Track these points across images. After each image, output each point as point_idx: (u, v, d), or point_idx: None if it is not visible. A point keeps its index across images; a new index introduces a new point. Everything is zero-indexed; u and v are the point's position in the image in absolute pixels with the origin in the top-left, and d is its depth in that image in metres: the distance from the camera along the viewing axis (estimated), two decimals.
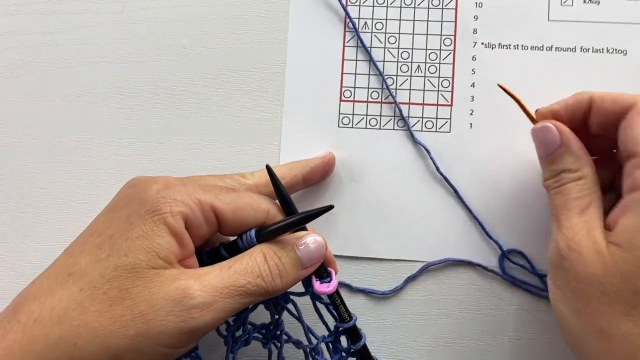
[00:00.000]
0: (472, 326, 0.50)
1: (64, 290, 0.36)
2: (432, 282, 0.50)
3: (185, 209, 0.38)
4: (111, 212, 0.40)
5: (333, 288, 0.42)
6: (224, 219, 0.40)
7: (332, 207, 0.40)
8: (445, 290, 0.50)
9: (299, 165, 0.49)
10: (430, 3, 0.52)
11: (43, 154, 0.54)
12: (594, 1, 0.51)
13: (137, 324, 0.35)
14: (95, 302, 0.36)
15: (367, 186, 0.51)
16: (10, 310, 0.37)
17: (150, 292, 0.36)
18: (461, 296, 0.50)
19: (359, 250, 0.51)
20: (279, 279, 0.39)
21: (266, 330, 0.45)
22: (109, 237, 0.38)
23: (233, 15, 0.54)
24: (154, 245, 0.37)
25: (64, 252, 0.39)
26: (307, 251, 0.40)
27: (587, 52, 0.51)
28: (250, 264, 0.39)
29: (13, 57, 0.55)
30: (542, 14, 0.51)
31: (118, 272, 0.36)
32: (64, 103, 0.54)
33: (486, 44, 0.51)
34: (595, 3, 0.51)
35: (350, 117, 0.52)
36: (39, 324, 0.35)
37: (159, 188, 0.39)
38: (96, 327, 0.35)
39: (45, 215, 0.53)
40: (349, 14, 0.52)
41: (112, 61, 0.55)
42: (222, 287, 0.37)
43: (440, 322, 0.50)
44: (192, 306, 0.36)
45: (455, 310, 0.50)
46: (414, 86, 0.52)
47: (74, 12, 0.55)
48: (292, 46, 0.53)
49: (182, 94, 0.54)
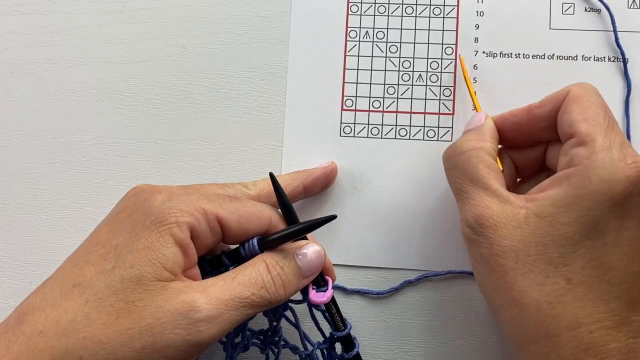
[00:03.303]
0: (471, 326, 0.50)
1: (70, 302, 0.36)
2: (430, 284, 0.51)
3: (190, 219, 0.38)
4: (115, 222, 0.39)
5: (327, 298, 0.42)
6: (228, 229, 0.40)
7: (334, 217, 0.40)
8: (443, 292, 0.51)
9: (302, 175, 0.49)
10: (431, 12, 0.52)
11: (43, 154, 0.54)
12: (595, 10, 0.51)
13: (144, 337, 0.35)
14: (101, 314, 0.36)
15: (368, 195, 0.51)
16: (14, 321, 0.37)
17: (156, 305, 0.36)
18: (458, 297, 0.50)
19: (359, 259, 0.51)
20: (282, 289, 0.39)
21: (264, 337, 0.45)
22: (113, 247, 0.38)
23: (233, 15, 0.54)
24: (159, 256, 0.37)
25: (67, 262, 0.39)
26: (307, 261, 0.41)
27: (588, 61, 0.51)
28: (253, 274, 0.39)
29: (13, 57, 0.55)
30: (543, 23, 0.51)
31: (124, 284, 0.36)
32: (63, 103, 0.54)
33: (487, 53, 0.51)
34: (596, 12, 0.51)
35: (352, 126, 0.52)
36: (45, 336, 0.35)
37: (164, 198, 0.39)
38: (102, 339, 0.35)
39: (45, 215, 0.53)
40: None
41: (112, 61, 0.54)
42: (227, 300, 0.37)
43: (438, 322, 0.51)
44: (199, 319, 0.36)
45: (453, 310, 0.51)
46: (416, 95, 0.52)
47: (74, 12, 0.55)
48: (293, 56, 0.53)
49: (182, 94, 0.54)
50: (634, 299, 0.37)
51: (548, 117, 0.42)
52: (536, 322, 0.37)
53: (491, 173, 0.41)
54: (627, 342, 0.37)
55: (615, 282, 0.37)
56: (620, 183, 0.36)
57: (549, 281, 0.37)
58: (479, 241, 0.40)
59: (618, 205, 0.37)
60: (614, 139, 0.38)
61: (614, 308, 0.37)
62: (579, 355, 0.36)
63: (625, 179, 0.36)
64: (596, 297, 0.37)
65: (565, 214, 0.37)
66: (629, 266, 0.37)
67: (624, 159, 0.37)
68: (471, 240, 0.40)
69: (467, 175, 0.41)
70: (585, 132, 0.38)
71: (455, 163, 0.42)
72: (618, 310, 0.37)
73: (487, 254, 0.39)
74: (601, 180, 0.37)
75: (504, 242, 0.38)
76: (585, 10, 0.51)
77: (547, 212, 0.38)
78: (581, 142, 0.38)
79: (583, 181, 0.37)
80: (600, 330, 0.36)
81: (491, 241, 0.39)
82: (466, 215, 0.41)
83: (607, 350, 0.36)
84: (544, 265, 0.37)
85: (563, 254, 0.37)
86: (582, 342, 0.36)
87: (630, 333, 0.37)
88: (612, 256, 0.37)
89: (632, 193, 0.37)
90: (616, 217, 0.37)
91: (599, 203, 0.37)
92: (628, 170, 0.37)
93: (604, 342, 0.36)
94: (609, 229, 0.37)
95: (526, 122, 0.43)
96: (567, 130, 0.40)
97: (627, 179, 0.36)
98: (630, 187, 0.37)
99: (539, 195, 0.39)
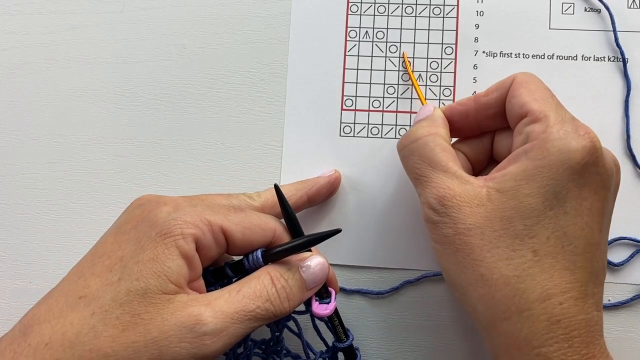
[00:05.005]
0: (471, 326, 0.50)
1: (75, 314, 0.36)
2: (430, 284, 0.51)
3: (196, 231, 0.38)
4: (120, 233, 0.39)
5: (330, 311, 0.42)
6: (232, 240, 0.40)
7: (339, 230, 0.40)
8: (443, 292, 0.51)
9: (306, 186, 0.49)
10: (431, 12, 0.52)
11: (43, 154, 0.54)
12: (595, 10, 0.51)
13: (150, 350, 0.35)
14: (107, 327, 0.35)
15: (368, 195, 0.51)
16: (19, 332, 0.37)
17: (162, 319, 0.36)
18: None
19: (359, 259, 0.51)
20: (287, 302, 0.39)
21: (266, 347, 0.45)
22: (119, 259, 0.38)
23: (233, 15, 0.54)
24: (164, 268, 0.37)
25: (72, 273, 0.39)
26: (311, 273, 0.41)
27: (588, 61, 0.51)
28: (258, 287, 0.39)
29: (13, 57, 0.55)
30: (543, 23, 0.51)
31: (130, 296, 0.36)
32: (63, 103, 0.54)
33: (487, 53, 0.52)
34: (596, 12, 0.51)
35: (352, 126, 0.52)
36: (50, 348, 0.35)
37: (169, 210, 0.39)
38: (108, 352, 0.35)
39: (45, 215, 0.53)
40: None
41: (112, 61, 0.54)
42: (232, 313, 0.37)
43: (438, 322, 0.51)
44: (204, 333, 0.36)
45: (453, 310, 0.51)
46: (416, 95, 0.51)
47: (74, 12, 0.55)
48: (293, 56, 0.53)
49: (182, 94, 0.54)
50: (595, 270, 0.38)
51: (495, 104, 0.43)
52: (506, 297, 0.38)
53: (449, 156, 0.41)
54: (593, 315, 0.37)
55: (579, 251, 0.38)
56: (577, 152, 0.37)
57: (516, 255, 0.38)
58: (442, 222, 0.40)
59: (576, 173, 0.38)
60: (565, 114, 0.40)
61: (580, 278, 0.37)
62: (550, 327, 0.37)
63: (582, 148, 0.38)
64: (563, 268, 0.37)
65: (527, 186, 0.38)
66: (589, 236, 0.38)
67: (577, 130, 0.38)
68: (434, 222, 0.41)
69: (426, 159, 0.42)
70: (538, 110, 0.39)
71: (412, 149, 0.43)
72: (583, 280, 0.38)
73: (451, 234, 0.39)
74: (559, 151, 0.38)
75: (469, 220, 0.39)
76: (585, 10, 0.51)
77: (508, 186, 0.38)
78: (535, 119, 0.39)
79: (542, 153, 0.38)
80: (569, 301, 0.37)
81: (455, 220, 0.39)
82: (428, 198, 0.41)
83: (576, 322, 0.37)
84: (510, 239, 0.38)
85: (528, 226, 0.38)
86: (552, 314, 0.37)
87: (594, 305, 0.38)
88: (574, 225, 0.38)
89: (589, 162, 0.38)
90: (575, 186, 0.38)
91: (558, 172, 0.37)
92: (583, 141, 0.38)
93: (573, 313, 0.37)
94: (570, 197, 0.38)
95: (474, 110, 0.44)
96: (519, 111, 0.41)
97: (583, 148, 0.38)
98: (586, 157, 0.38)
99: (498, 173, 0.40)
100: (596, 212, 0.39)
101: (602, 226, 0.39)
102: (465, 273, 0.39)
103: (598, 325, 0.38)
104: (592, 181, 0.38)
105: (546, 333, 0.37)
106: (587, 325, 0.37)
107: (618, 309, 0.50)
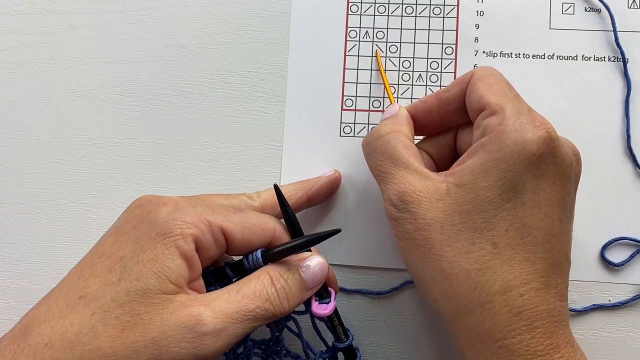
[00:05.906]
0: None
1: (75, 314, 0.36)
2: None
3: (195, 231, 0.38)
4: (120, 233, 0.39)
5: (330, 311, 0.42)
6: (232, 240, 0.40)
7: (339, 230, 0.40)
8: None
9: (305, 186, 0.49)
10: (431, 12, 0.52)
11: (43, 154, 0.54)
12: (595, 9, 0.51)
13: (150, 350, 0.35)
14: (107, 327, 0.35)
15: (368, 195, 0.51)
16: (19, 332, 0.37)
17: (162, 319, 0.36)
18: None
19: (359, 259, 0.51)
20: (286, 302, 0.39)
21: (266, 347, 0.45)
22: (119, 259, 0.38)
23: (233, 15, 0.54)
24: (164, 269, 0.37)
25: (72, 273, 0.39)
26: (311, 273, 0.41)
27: (588, 61, 0.51)
28: (258, 287, 0.39)
29: (13, 57, 0.55)
30: (543, 23, 0.51)
31: (130, 296, 0.36)
32: (63, 103, 0.54)
33: (487, 53, 0.52)
34: (596, 11, 0.51)
35: (352, 126, 0.52)
36: (50, 348, 0.35)
37: (169, 210, 0.39)
38: (108, 352, 0.35)
39: (45, 215, 0.53)
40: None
41: (112, 61, 0.54)
42: (232, 313, 0.37)
43: (438, 322, 0.51)
44: (204, 333, 0.36)
45: None
46: (416, 95, 0.52)
47: (74, 12, 0.55)
48: (293, 56, 0.53)
49: (182, 94, 0.54)
50: (556, 260, 0.39)
51: (456, 99, 0.43)
52: (467, 291, 0.38)
53: (410, 153, 0.42)
54: (555, 305, 0.38)
55: (539, 242, 0.38)
56: (532, 143, 0.38)
57: (475, 248, 0.38)
58: (403, 218, 0.40)
59: (533, 164, 0.38)
60: (522, 106, 0.40)
61: (540, 269, 0.38)
62: (512, 319, 0.37)
63: (537, 139, 0.38)
64: (522, 259, 0.38)
65: (484, 179, 0.38)
66: (548, 227, 0.38)
67: (532, 121, 0.39)
68: (395, 218, 0.41)
69: (387, 156, 0.42)
70: (495, 103, 0.40)
71: (374, 147, 0.43)
72: (544, 271, 0.38)
73: (412, 229, 0.40)
74: (515, 142, 0.38)
75: (428, 215, 0.39)
76: (585, 10, 0.51)
77: (466, 180, 0.39)
78: (491, 112, 0.40)
79: (498, 145, 0.38)
80: (530, 292, 0.37)
81: (415, 216, 0.39)
82: (389, 195, 0.41)
83: (537, 313, 0.37)
84: (469, 232, 0.38)
85: (486, 219, 0.38)
86: (514, 306, 0.37)
87: (557, 296, 0.38)
88: (533, 216, 0.38)
89: (545, 153, 0.38)
90: (532, 177, 0.38)
91: (515, 164, 0.38)
92: (538, 131, 0.38)
93: (535, 304, 0.37)
94: (527, 188, 0.38)
95: (436, 107, 0.44)
96: (477, 105, 0.41)
97: (539, 139, 0.38)
98: (542, 147, 0.38)
99: (457, 168, 0.40)
100: (555, 202, 0.39)
101: (563, 216, 0.39)
102: (427, 268, 0.39)
103: (562, 315, 0.38)
104: (549, 172, 0.38)
105: (508, 325, 0.37)
106: (549, 316, 0.37)
107: (618, 309, 0.50)
